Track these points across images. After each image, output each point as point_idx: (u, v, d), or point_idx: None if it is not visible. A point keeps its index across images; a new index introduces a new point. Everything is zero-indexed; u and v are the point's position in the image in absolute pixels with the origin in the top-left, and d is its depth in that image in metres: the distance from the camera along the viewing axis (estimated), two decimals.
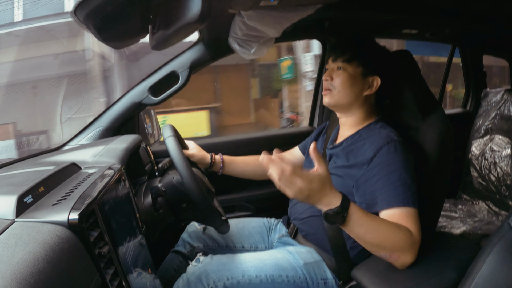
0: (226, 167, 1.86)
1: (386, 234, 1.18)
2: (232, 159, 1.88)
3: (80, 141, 1.88)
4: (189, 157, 1.71)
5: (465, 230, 2.43)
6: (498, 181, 2.69)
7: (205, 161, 1.82)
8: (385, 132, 1.42)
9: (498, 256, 0.99)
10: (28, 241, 0.67)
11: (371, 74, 1.50)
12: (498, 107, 2.80)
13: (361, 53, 1.50)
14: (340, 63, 1.51)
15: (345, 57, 1.50)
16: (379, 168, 1.34)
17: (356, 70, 1.50)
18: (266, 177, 1.91)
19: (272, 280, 1.39)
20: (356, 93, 1.51)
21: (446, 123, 1.50)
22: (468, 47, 2.94)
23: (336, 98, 1.52)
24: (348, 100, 1.52)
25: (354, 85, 1.50)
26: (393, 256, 1.20)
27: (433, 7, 1.85)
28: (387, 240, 1.19)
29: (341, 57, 1.51)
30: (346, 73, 1.50)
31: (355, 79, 1.50)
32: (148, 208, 1.40)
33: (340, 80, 1.50)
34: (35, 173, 1.03)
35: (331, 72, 1.54)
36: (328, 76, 1.54)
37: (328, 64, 1.57)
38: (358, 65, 1.50)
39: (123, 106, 1.95)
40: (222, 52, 1.97)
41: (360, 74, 1.50)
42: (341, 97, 1.51)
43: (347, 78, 1.49)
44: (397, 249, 1.19)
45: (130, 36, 1.34)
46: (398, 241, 1.19)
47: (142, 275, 1.05)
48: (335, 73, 1.52)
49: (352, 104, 1.53)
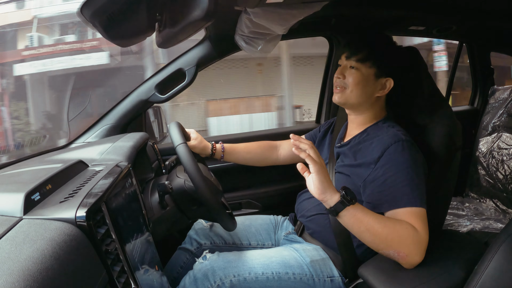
0: (227, 156, 1.86)
1: (390, 229, 1.19)
2: (233, 147, 1.87)
3: (87, 139, 1.89)
4: (191, 148, 1.70)
5: (472, 228, 2.42)
6: (505, 179, 2.68)
7: (206, 151, 1.81)
8: (393, 131, 1.42)
9: (505, 254, 0.99)
10: (36, 238, 0.67)
11: (385, 75, 1.48)
12: (506, 105, 2.78)
13: (376, 54, 1.48)
14: (353, 62, 1.48)
15: (359, 56, 1.48)
16: (386, 167, 1.33)
17: (370, 70, 1.48)
18: (266, 164, 1.92)
19: (279, 278, 1.39)
20: (368, 94, 1.49)
21: (453, 121, 1.49)
22: (475, 44, 2.92)
23: (348, 97, 1.50)
24: (359, 100, 1.50)
25: (366, 86, 1.48)
26: (401, 255, 1.19)
27: (440, 4, 1.84)
28: (392, 235, 1.19)
29: (355, 56, 1.48)
30: (359, 73, 1.48)
31: (368, 80, 1.48)
32: (155, 205, 1.41)
33: (352, 80, 1.48)
34: (42, 170, 1.03)
35: (344, 70, 1.51)
36: (341, 74, 1.51)
37: (341, 60, 1.54)
38: (372, 66, 1.47)
39: (130, 103, 1.96)
40: (228, 49, 1.98)
41: (373, 75, 1.48)
42: (353, 96, 1.50)
43: (360, 78, 1.48)
44: (403, 246, 1.19)
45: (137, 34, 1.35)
46: (403, 236, 1.19)
47: (149, 272, 1.06)
48: (347, 72, 1.50)
49: (363, 104, 1.52)
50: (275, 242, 1.74)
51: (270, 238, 1.74)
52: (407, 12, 1.88)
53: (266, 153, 1.92)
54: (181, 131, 1.54)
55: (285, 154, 1.93)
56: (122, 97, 1.99)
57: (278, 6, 1.46)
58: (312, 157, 1.19)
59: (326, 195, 1.19)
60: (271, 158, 1.92)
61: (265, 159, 1.92)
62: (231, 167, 1.93)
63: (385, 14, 1.93)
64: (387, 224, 1.20)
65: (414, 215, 1.24)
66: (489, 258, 1.00)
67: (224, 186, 1.61)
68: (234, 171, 2.12)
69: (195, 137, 1.79)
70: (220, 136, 2.33)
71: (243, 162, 1.92)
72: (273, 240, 1.74)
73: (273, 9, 1.48)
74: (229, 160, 1.89)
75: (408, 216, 1.24)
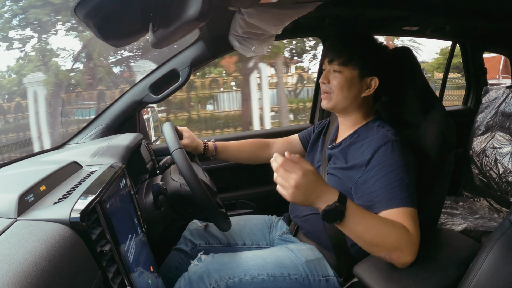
0: (219, 154, 1.86)
1: (384, 232, 1.18)
2: (225, 145, 1.87)
3: (81, 140, 1.88)
4: (184, 147, 1.68)
5: (466, 227, 2.43)
6: (499, 178, 2.69)
7: (199, 150, 1.81)
8: (383, 131, 1.42)
9: (499, 253, 0.99)
10: (30, 240, 0.67)
11: (369, 75, 1.48)
12: (499, 104, 2.80)
13: (356, 56, 1.47)
14: (336, 66, 1.49)
15: (341, 60, 1.48)
16: (376, 169, 1.33)
17: (353, 72, 1.48)
18: (259, 162, 1.92)
19: (274, 279, 1.39)
20: (353, 95, 1.49)
21: (447, 120, 1.50)
22: (468, 43, 2.93)
23: (334, 101, 1.51)
24: (346, 103, 1.51)
25: (351, 88, 1.49)
26: (393, 256, 1.20)
27: (434, 4, 1.85)
28: (385, 238, 1.18)
29: (337, 60, 1.48)
30: (342, 76, 1.48)
31: (352, 82, 1.48)
32: (149, 206, 1.40)
33: (337, 83, 1.48)
34: (36, 172, 1.03)
35: (328, 74, 1.52)
36: (325, 78, 1.52)
37: (325, 65, 1.55)
38: (355, 68, 1.47)
39: (123, 104, 1.96)
40: (222, 49, 1.98)
41: (357, 76, 1.48)
42: (339, 100, 1.50)
43: (344, 82, 1.48)
44: (396, 247, 1.18)
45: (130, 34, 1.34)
46: (396, 239, 1.18)
47: (144, 273, 1.05)
48: (331, 76, 1.50)
49: (350, 106, 1.52)
50: (269, 242, 1.74)
51: (265, 238, 1.74)
52: (401, 12, 1.89)
53: (258, 151, 1.92)
54: (175, 133, 1.53)
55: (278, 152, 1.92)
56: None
57: (272, 6, 1.46)
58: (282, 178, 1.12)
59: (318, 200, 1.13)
60: (264, 156, 1.92)
61: (258, 157, 1.92)
62: (225, 167, 1.93)
63: (379, 15, 1.93)
64: (378, 222, 1.20)
65: (405, 216, 1.23)
66: (483, 257, 1.00)
67: (218, 186, 1.61)
68: (229, 171, 2.12)
69: (188, 135, 1.78)
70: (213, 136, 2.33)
71: (235, 160, 1.93)
72: (267, 240, 1.74)
73: (267, 9, 1.48)
74: (221, 159, 1.89)
75: (399, 216, 1.23)
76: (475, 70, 3.02)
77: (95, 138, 1.87)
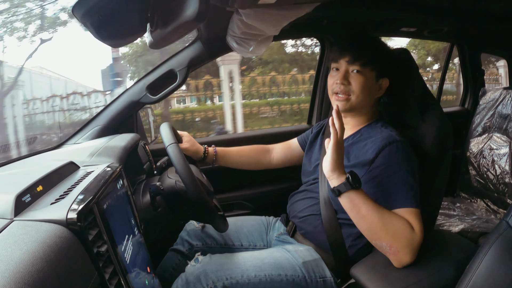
0: (219, 159, 1.86)
1: (388, 218, 1.22)
2: (225, 151, 1.87)
3: (78, 140, 1.88)
4: (183, 150, 1.69)
5: (464, 228, 2.43)
6: (496, 179, 2.70)
7: (199, 155, 1.81)
8: (387, 131, 1.42)
9: (496, 254, 0.99)
10: (27, 240, 0.67)
11: (382, 76, 1.50)
12: (496, 106, 2.80)
13: (376, 57, 1.49)
14: (358, 67, 1.47)
15: (363, 60, 1.47)
16: (381, 169, 1.34)
17: (371, 73, 1.48)
18: (259, 167, 1.92)
19: (271, 280, 1.39)
20: (370, 96, 1.51)
21: (444, 121, 1.50)
22: (466, 45, 2.94)
23: (354, 102, 1.50)
24: (364, 104, 1.51)
25: (371, 89, 1.50)
26: (392, 249, 1.20)
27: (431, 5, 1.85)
28: (387, 225, 1.21)
29: (359, 60, 1.47)
30: (363, 77, 1.47)
31: (371, 83, 1.49)
32: (146, 206, 1.40)
33: (358, 85, 1.47)
34: (33, 172, 1.02)
35: (347, 75, 1.50)
36: (345, 80, 1.49)
37: (339, 65, 1.52)
38: (373, 69, 1.48)
39: (121, 104, 1.95)
40: (220, 50, 1.97)
41: (374, 78, 1.49)
42: (359, 101, 1.49)
43: (366, 83, 1.48)
44: (397, 240, 1.20)
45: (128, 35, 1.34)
46: (398, 230, 1.20)
47: (141, 273, 1.05)
48: (352, 77, 1.49)
49: (365, 107, 1.53)
50: (267, 243, 1.74)
51: (262, 239, 1.74)
52: (399, 13, 1.89)
53: (259, 157, 1.92)
54: (172, 131, 1.53)
55: (278, 157, 1.93)
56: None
57: (270, 7, 1.46)
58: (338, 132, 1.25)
59: (335, 173, 1.25)
60: (264, 162, 1.93)
61: (258, 163, 1.92)
62: (222, 168, 1.92)
63: (376, 16, 1.93)
64: (384, 216, 1.22)
65: (410, 216, 1.25)
66: (480, 258, 1.01)
67: (215, 188, 1.61)
68: (226, 172, 2.11)
69: (188, 139, 1.78)
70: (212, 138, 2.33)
71: (236, 166, 1.92)
72: (265, 241, 1.74)
73: (265, 10, 1.48)
74: (221, 164, 1.88)
75: (404, 216, 1.25)
76: (473, 71, 3.03)
77: (92, 139, 1.87)
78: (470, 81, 3.07)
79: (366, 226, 1.24)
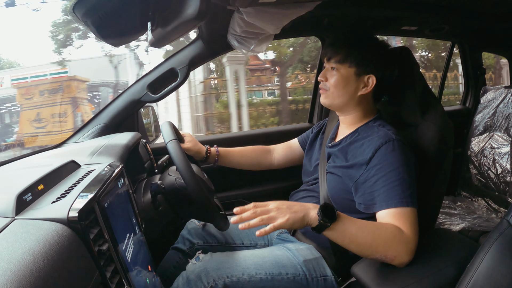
0: (221, 160, 1.86)
1: (375, 232, 1.21)
2: (227, 151, 1.88)
3: (79, 139, 1.88)
4: (185, 150, 1.69)
5: (464, 227, 2.43)
6: (497, 178, 2.69)
7: (201, 155, 1.81)
8: (384, 130, 1.42)
9: (497, 253, 0.99)
10: (28, 239, 0.67)
11: (366, 73, 1.48)
12: (497, 104, 2.80)
13: (353, 54, 1.48)
14: (333, 64, 1.50)
15: (338, 57, 1.49)
16: (377, 168, 1.34)
17: (349, 70, 1.48)
18: (261, 168, 1.93)
19: (272, 278, 1.39)
20: (350, 93, 1.50)
21: (445, 120, 1.50)
22: (467, 44, 2.93)
23: (331, 98, 1.53)
24: (342, 100, 1.51)
25: (347, 86, 1.49)
26: (389, 256, 1.20)
27: (432, 4, 1.85)
28: (376, 241, 1.20)
29: (334, 57, 1.50)
30: (339, 74, 1.49)
31: (348, 80, 1.49)
32: (147, 205, 1.40)
33: (333, 81, 1.50)
34: (34, 171, 1.03)
35: (326, 72, 1.53)
36: (323, 76, 1.53)
37: (324, 63, 1.57)
38: (351, 66, 1.48)
39: (122, 103, 1.95)
40: (221, 49, 1.98)
41: (353, 74, 1.49)
42: (335, 97, 1.52)
43: (340, 79, 1.49)
44: (390, 249, 1.19)
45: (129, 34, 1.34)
46: (387, 240, 1.20)
47: (142, 272, 1.05)
48: (329, 74, 1.52)
49: (347, 104, 1.53)
50: (268, 241, 1.73)
51: (263, 237, 1.74)
52: (400, 12, 1.89)
53: (260, 157, 1.92)
54: (173, 129, 1.53)
55: (279, 158, 1.93)
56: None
57: (271, 6, 1.46)
58: (264, 214, 1.24)
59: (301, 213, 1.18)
60: (266, 163, 1.93)
61: (260, 163, 1.93)
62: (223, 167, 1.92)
63: (377, 14, 1.93)
64: (371, 232, 1.21)
65: (403, 215, 1.24)
66: (481, 257, 1.00)
67: (216, 186, 1.61)
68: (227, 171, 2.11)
69: (190, 139, 1.78)
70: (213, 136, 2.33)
71: (238, 166, 1.92)
72: (266, 240, 1.74)
73: (265, 9, 1.48)
74: (223, 164, 1.89)
75: (398, 216, 1.25)
76: (474, 70, 3.02)
77: (93, 137, 1.87)
78: (471, 80, 3.06)
79: (355, 249, 1.23)
